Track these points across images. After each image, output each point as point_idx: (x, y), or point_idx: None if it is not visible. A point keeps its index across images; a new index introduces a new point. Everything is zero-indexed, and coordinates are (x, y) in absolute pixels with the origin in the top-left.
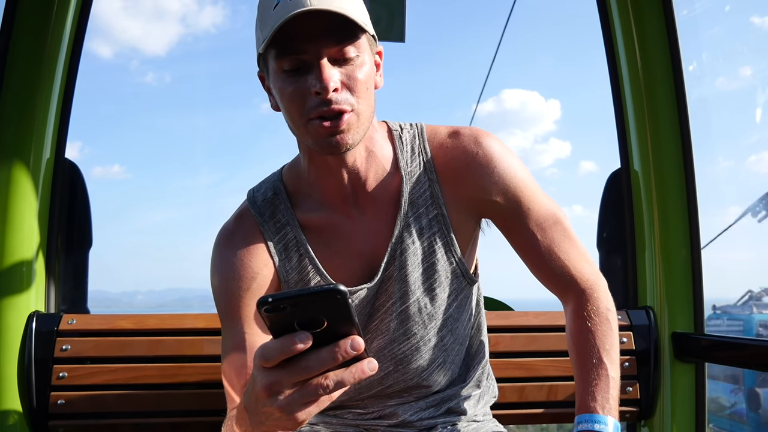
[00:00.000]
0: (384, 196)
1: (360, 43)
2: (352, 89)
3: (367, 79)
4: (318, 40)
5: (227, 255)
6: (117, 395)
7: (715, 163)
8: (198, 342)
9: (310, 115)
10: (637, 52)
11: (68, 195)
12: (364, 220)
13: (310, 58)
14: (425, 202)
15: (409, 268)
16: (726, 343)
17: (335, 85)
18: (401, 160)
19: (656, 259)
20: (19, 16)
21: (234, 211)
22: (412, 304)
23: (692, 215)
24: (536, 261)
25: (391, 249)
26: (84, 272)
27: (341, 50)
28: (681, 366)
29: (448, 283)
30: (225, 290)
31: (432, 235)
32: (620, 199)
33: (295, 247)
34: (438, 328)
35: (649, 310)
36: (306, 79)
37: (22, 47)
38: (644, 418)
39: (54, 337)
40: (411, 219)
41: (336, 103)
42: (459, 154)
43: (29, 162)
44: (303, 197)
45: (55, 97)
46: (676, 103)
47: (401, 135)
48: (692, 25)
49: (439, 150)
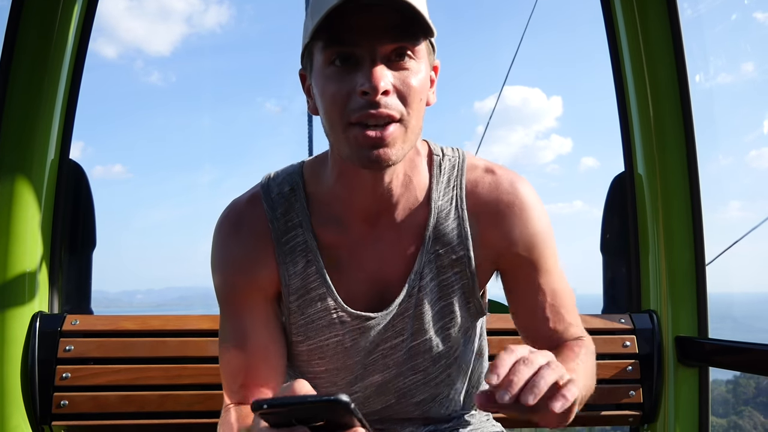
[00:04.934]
0: (409, 225)
1: (420, 49)
2: (405, 96)
3: (422, 90)
4: (374, 33)
5: (230, 246)
6: (120, 396)
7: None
8: (201, 343)
9: (351, 118)
10: (642, 56)
11: (72, 196)
12: (381, 243)
13: (363, 52)
14: (451, 241)
15: (425, 307)
16: (730, 347)
17: (386, 86)
18: (434, 191)
19: (660, 262)
20: (25, 16)
21: (246, 191)
22: (424, 342)
23: (696, 219)
24: (527, 322)
25: (409, 284)
26: (88, 273)
27: (399, 50)
28: (684, 370)
29: (462, 322)
30: (224, 280)
31: (454, 274)
32: (624, 202)
33: (303, 252)
34: (446, 365)
35: (652, 313)
36: (353, 78)
37: (28, 48)
38: (647, 422)
39: (57, 338)
40: (433, 255)
41: (385, 106)
42: (494, 198)
43: (34, 163)
44: (321, 203)
45: (59, 98)
46: (681, 106)
47: (441, 162)
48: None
49: (474, 187)
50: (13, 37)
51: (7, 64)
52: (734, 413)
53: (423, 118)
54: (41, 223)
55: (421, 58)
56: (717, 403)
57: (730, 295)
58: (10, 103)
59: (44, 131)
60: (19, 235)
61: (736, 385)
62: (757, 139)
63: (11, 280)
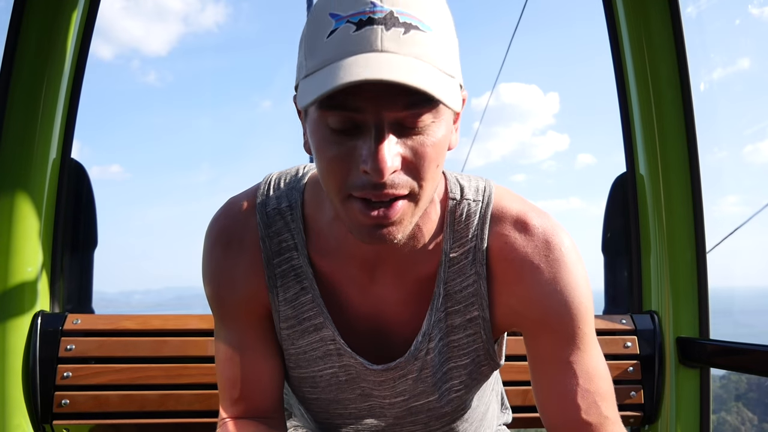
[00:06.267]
0: (415, 277)
1: (440, 108)
2: (417, 169)
3: (440, 153)
4: (382, 98)
5: (219, 258)
6: (121, 395)
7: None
8: (202, 343)
9: (352, 192)
10: (645, 57)
11: (74, 195)
12: (384, 290)
13: (367, 120)
14: (465, 299)
15: (430, 370)
16: (731, 348)
17: (394, 167)
18: (446, 243)
19: (661, 263)
20: (27, 17)
21: (241, 192)
22: (427, 403)
23: (698, 219)
24: (552, 406)
25: (415, 346)
26: (89, 272)
27: (414, 117)
28: (686, 371)
29: (473, 383)
30: (215, 294)
31: (467, 336)
32: (625, 202)
33: (297, 278)
34: (451, 420)
35: (653, 314)
36: (355, 146)
37: (30, 48)
38: (648, 423)
39: (58, 337)
40: (444, 314)
41: (391, 186)
42: (520, 257)
43: (36, 162)
44: (319, 230)
45: (61, 98)
46: (683, 106)
47: (458, 207)
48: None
49: (499, 241)
50: (16, 37)
51: (9, 64)
52: (724, 410)
53: (438, 180)
54: (42, 222)
55: (442, 114)
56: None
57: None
58: (12, 102)
59: (46, 130)
60: (21, 234)
61: (728, 381)
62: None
63: (13, 279)
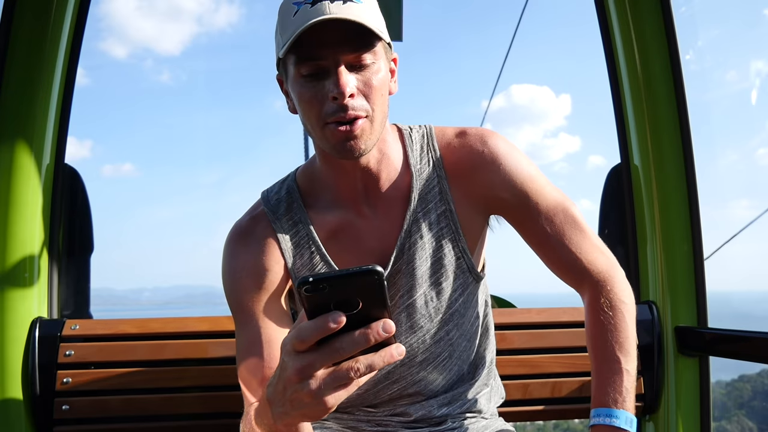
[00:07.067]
0: (395, 194)
1: (376, 51)
2: (368, 95)
3: (382, 86)
4: (336, 47)
5: (239, 252)
6: (121, 400)
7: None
8: (202, 345)
9: (327, 119)
10: (635, 46)
11: (68, 200)
12: (375, 218)
13: (328, 64)
14: (434, 198)
15: (416, 262)
16: (730, 336)
17: (351, 90)
18: (411, 158)
19: (658, 253)
20: (17, 20)
21: (246, 210)
22: (419, 297)
23: (693, 209)
24: (549, 254)
25: (399, 244)
26: (86, 277)
27: (358, 57)
28: (685, 360)
29: (454, 277)
30: (237, 287)
31: (440, 230)
32: (621, 193)
33: (307, 244)
34: (444, 321)
35: (651, 304)
36: (324, 85)
37: (21, 52)
38: (649, 413)
39: (57, 343)
40: (420, 214)
41: (352, 109)
42: (466, 153)
43: (29, 167)
44: (316, 197)
45: (53, 102)
46: (675, 96)
47: (411, 135)
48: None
49: (447, 149)
50: (6, 41)
51: (0, 68)
52: (725, 418)
53: (388, 105)
54: (38, 228)
55: (379, 58)
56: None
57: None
58: (4, 107)
59: (39, 136)
60: (16, 240)
61: (732, 389)
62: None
63: (9, 286)
